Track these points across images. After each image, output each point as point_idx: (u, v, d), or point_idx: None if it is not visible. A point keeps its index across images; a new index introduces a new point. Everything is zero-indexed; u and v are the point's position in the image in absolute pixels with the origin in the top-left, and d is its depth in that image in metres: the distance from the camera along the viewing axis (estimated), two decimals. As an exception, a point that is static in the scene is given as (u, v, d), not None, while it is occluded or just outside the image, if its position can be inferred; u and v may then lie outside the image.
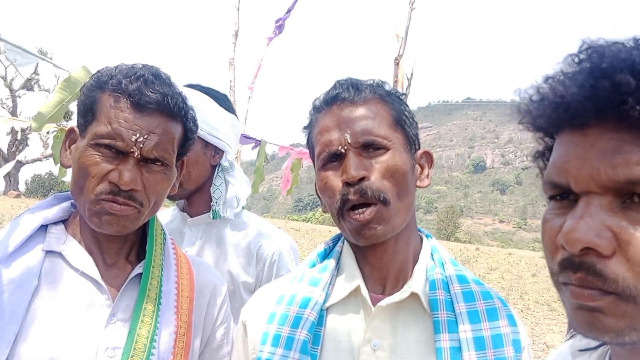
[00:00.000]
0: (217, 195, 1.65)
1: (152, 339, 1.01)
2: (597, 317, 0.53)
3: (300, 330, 0.95)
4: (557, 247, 0.56)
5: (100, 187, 0.99)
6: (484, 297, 0.99)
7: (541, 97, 0.59)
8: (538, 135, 0.65)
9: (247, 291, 1.62)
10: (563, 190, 0.57)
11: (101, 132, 0.98)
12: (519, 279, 15.39)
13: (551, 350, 7.40)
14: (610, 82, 0.51)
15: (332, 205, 0.98)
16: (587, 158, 0.53)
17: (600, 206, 0.52)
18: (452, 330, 0.93)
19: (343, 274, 1.02)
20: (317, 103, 1.04)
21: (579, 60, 0.57)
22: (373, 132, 0.96)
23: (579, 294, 0.53)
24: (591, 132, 0.54)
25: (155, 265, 1.10)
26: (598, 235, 0.51)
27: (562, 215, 0.57)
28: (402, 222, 0.98)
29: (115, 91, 1.00)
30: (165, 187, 1.07)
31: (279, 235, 1.71)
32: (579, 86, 0.53)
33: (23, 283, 0.97)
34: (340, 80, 1.04)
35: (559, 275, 0.56)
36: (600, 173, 0.52)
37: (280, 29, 4.16)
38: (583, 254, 0.52)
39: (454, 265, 1.04)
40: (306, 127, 1.08)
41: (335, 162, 0.98)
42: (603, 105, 0.51)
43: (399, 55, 3.73)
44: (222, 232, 1.68)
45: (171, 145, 1.04)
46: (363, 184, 0.93)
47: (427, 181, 1.06)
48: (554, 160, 0.58)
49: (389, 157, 0.96)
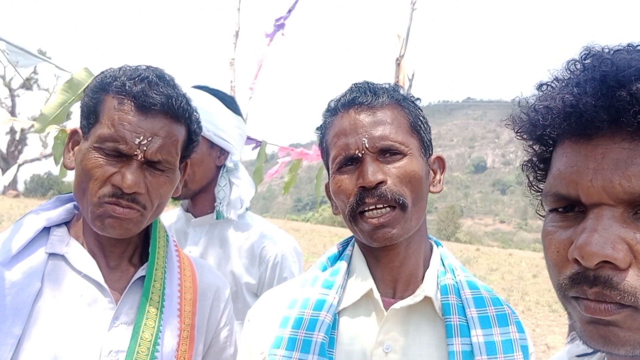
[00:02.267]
0: (221, 196, 1.65)
1: (156, 342, 1.01)
2: (612, 331, 0.52)
3: (317, 332, 0.95)
4: (565, 261, 0.55)
5: (103, 190, 0.98)
6: (494, 303, 1.00)
7: (547, 106, 0.57)
8: (531, 144, 0.63)
9: (249, 292, 1.62)
10: (569, 203, 0.56)
11: (104, 134, 0.98)
12: (519, 279, 15.38)
13: (552, 351, 7.40)
14: (627, 91, 0.50)
15: (345, 207, 0.98)
16: (599, 169, 0.52)
17: (613, 218, 0.51)
18: (464, 335, 0.94)
19: (354, 277, 1.03)
20: (332, 105, 1.04)
21: (583, 67, 0.56)
22: (390, 137, 0.97)
23: (594, 308, 0.52)
24: (601, 142, 0.53)
25: (158, 267, 1.10)
26: (614, 248, 0.50)
27: (568, 228, 0.56)
28: (415, 226, 1.00)
29: (119, 93, 1.00)
30: (169, 189, 1.06)
31: (282, 237, 1.71)
32: (592, 95, 0.52)
33: (26, 285, 0.97)
34: (358, 83, 1.04)
35: (569, 290, 0.55)
36: (615, 185, 0.51)
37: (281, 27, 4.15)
38: (598, 267, 0.51)
39: (464, 271, 1.05)
40: (319, 128, 1.08)
41: (351, 165, 0.98)
42: (618, 115, 0.51)
43: (400, 56, 3.72)
44: (225, 233, 1.68)
45: (175, 148, 1.04)
46: (382, 188, 0.94)
47: (440, 186, 1.07)
48: (560, 172, 0.57)
49: (405, 162, 0.97)
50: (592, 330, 0.53)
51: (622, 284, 0.50)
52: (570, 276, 0.54)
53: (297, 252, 1.72)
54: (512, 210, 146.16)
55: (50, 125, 1.62)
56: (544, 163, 0.63)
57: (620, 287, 0.50)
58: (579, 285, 0.53)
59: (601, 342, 0.53)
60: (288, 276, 1.61)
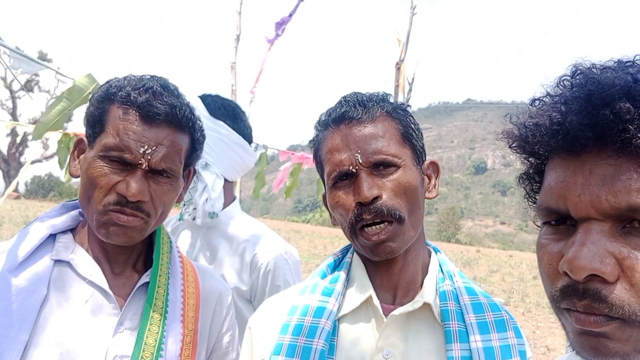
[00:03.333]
0: (186, 199, 1.62)
1: (159, 348, 1.02)
2: (602, 343, 0.53)
3: (317, 340, 0.96)
4: (557, 274, 0.56)
5: (108, 198, 1.00)
6: (492, 309, 1.01)
7: (536, 123, 0.59)
8: (525, 157, 0.65)
9: (240, 298, 1.59)
10: (560, 216, 0.57)
11: (109, 144, 1.00)
12: (520, 281, 15.38)
13: (552, 353, 7.40)
14: (610, 110, 0.51)
15: (345, 222, 1.00)
16: (587, 185, 0.53)
17: (602, 232, 0.53)
18: (463, 340, 0.95)
19: (354, 284, 1.04)
20: (323, 119, 1.05)
21: (571, 85, 0.57)
22: (383, 151, 0.97)
23: (584, 320, 0.53)
24: (589, 158, 0.54)
25: (162, 273, 1.11)
26: (602, 262, 0.51)
27: (559, 240, 0.57)
28: (414, 236, 1.01)
29: (124, 103, 1.01)
30: (172, 197, 1.08)
31: (275, 244, 1.66)
32: (577, 113, 0.53)
33: (32, 292, 0.98)
34: (347, 96, 1.04)
35: (560, 302, 0.56)
36: (602, 200, 0.52)
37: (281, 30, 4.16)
38: (587, 280, 0.52)
39: (462, 277, 1.06)
40: (312, 141, 1.09)
41: (346, 180, 0.99)
42: (603, 133, 0.52)
43: (400, 60, 3.74)
44: (218, 237, 1.67)
45: (178, 157, 1.05)
46: (377, 204, 0.95)
47: (435, 191, 1.08)
48: (550, 186, 0.58)
49: (400, 174, 0.97)
50: (583, 341, 0.55)
51: (611, 297, 0.51)
52: (561, 288, 0.55)
53: (291, 258, 1.67)
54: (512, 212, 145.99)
55: (47, 132, 1.63)
56: (540, 175, 0.64)
57: (608, 300, 0.51)
58: (569, 298, 0.54)
59: (592, 352, 0.54)
60: (281, 284, 1.58)
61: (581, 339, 0.55)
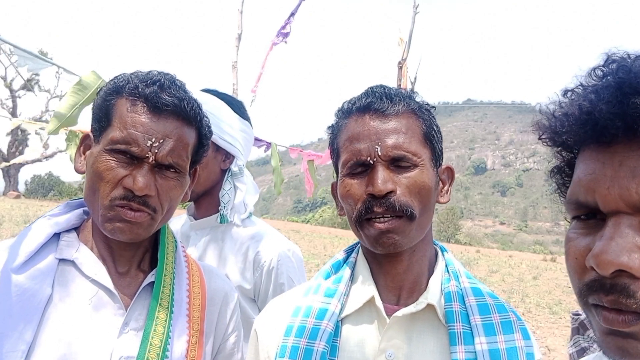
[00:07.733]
0: (225, 200, 1.65)
1: (165, 348, 1.01)
2: (630, 344, 0.52)
3: (318, 341, 0.95)
4: (584, 268, 0.55)
5: (115, 193, 0.99)
6: (499, 310, 0.99)
7: (565, 113, 0.57)
8: (557, 150, 0.63)
9: (244, 297, 1.59)
10: (589, 210, 0.56)
11: (116, 137, 0.99)
12: (519, 281, 15.37)
13: (553, 353, 7.39)
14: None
15: (352, 212, 0.98)
16: (616, 177, 0.52)
17: (631, 226, 0.51)
18: (468, 342, 0.93)
19: (357, 284, 1.02)
20: (346, 107, 1.03)
21: (602, 74, 0.55)
22: (404, 147, 0.95)
23: (612, 320, 0.52)
24: (619, 149, 0.53)
25: (167, 273, 1.10)
26: (630, 257, 0.50)
27: (588, 235, 0.56)
28: (420, 236, 0.99)
29: (132, 95, 1.00)
30: (179, 193, 1.07)
31: (278, 241, 1.67)
32: (607, 102, 0.52)
33: (37, 291, 0.97)
34: (374, 87, 1.02)
35: (587, 297, 0.55)
36: (632, 193, 0.51)
37: (285, 35, 4.17)
38: (615, 275, 0.51)
39: (469, 278, 1.04)
40: (331, 128, 1.06)
41: (362, 170, 0.97)
42: (633, 122, 0.50)
43: (402, 59, 3.73)
44: (224, 236, 1.67)
45: (185, 152, 1.04)
46: (390, 198, 0.93)
47: (447, 197, 1.06)
48: (579, 179, 0.57)
49: (416, 173, 0.96)
50: (609, 341, 0.53)
51: (639, 292, 0.50)
52: (588, 283, 0.54)
53: (295, 256, 1.68)
54: (512, 212, 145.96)
55: (63, 126, 1.62)
56: (571, 169, 0.62)
57: (637, 295, 0.50)
58: (596, 293, 0.53)
59: (619, 353, 0.53)
60: (285, 282, 1.58)
61: (608, 339, 0.53)
